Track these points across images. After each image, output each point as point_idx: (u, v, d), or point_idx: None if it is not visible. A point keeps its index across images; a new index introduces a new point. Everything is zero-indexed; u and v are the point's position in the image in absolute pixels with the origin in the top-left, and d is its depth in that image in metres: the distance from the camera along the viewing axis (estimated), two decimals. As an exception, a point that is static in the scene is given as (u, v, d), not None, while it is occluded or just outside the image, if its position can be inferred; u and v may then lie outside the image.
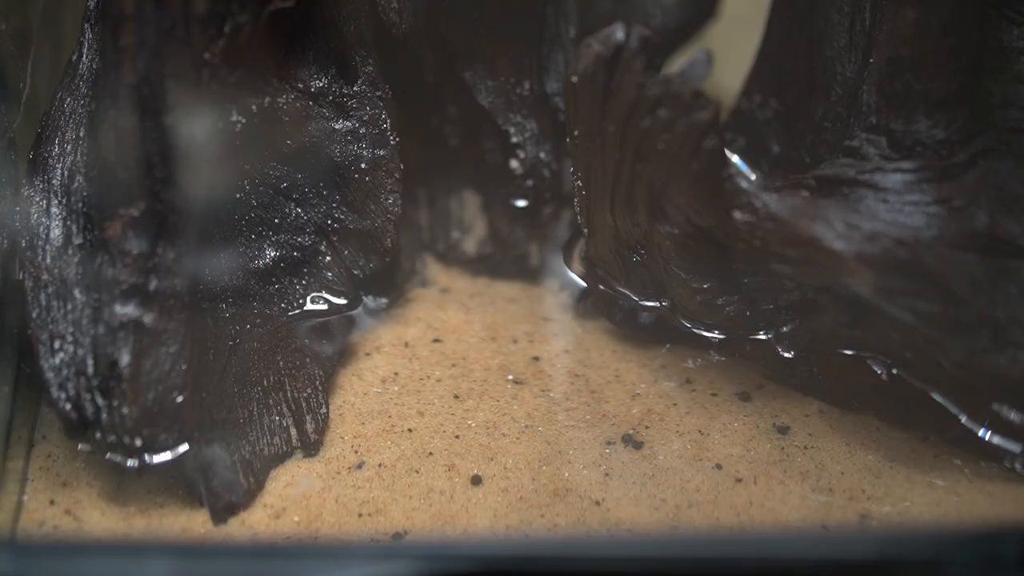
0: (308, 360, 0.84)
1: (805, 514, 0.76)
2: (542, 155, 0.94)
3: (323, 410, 0.82)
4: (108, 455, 0.75)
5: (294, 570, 0.59)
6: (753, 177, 0.93)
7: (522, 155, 0.94)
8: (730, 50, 0.99)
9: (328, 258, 0.86)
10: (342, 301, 0.87)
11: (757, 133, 0.93)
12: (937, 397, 0.76)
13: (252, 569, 0.60)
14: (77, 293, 0.76)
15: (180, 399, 0.75)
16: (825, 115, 0.86)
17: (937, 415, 0.77)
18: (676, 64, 0.95)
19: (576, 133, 0.76)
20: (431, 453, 0.80)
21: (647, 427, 0.82)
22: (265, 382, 0.82)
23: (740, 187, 0.71)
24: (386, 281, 0.90)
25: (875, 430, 0.81)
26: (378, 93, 0.85)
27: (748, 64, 0.94)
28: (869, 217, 0.70)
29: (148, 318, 0.74)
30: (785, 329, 0.81)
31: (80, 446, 0.79)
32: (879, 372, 0.78)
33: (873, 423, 0.81)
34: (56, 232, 0.77)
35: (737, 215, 0.71)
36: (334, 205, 0.85)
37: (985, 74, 0.77)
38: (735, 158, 0.94)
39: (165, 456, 0.76)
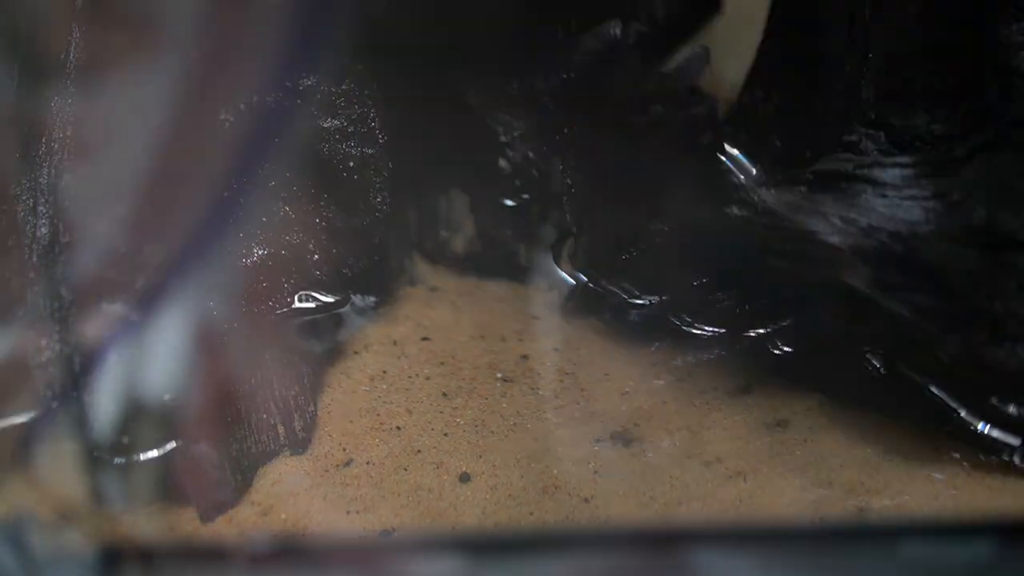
0: (296, 358, 0.84)
1: (803, 507, 0.76)
2: (531, 154, 0.94)
3: (311, 408, 0.82)
4: (95, 452, 0.74)
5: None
6: (754, 171, 0.93)
7: (511, 154, 0.94)
8: (733, 44, 0.99)
9: (316, 256, 0.86)
10: (330, 299, 0.87)
11: (758, 127, 0.93)
12: (935, 391, 0.77)
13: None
14: (64, 292, 0.75)
15: (168, 397, 0.74)
16: (825, 110, 0.87)
17: (935, 409, 0.77)
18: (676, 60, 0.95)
19: (567, 130, 0.77)
20: (419, 451, 0.80)
21: (637, 424, 0.82)
22: (253, 380, 0.82)
23: (736, 182, 0.71)
24: (374, 279, 0.91)
25: (873, 424, 0.81)
26: (367, 92, 0.85)
27: (750, 59, 0.94)
28: (867, 212, 0.71)
29: (135, 316, 0.74)
30: (782, 324, 0.81)
31: (68, 444, 0.78)
32: (877, 366, 0.78)
33: (871, 417, 0.81)
34: (43, 231, 0.77)
35: (734, 210, 0.72)
36: (322, 203, 0.85)
37: (984, 69, 0.78)
38: (736, 152, 0.94)
39: (153, 454, 0.75)
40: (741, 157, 0.93)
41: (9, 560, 0.59)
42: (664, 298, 0.84)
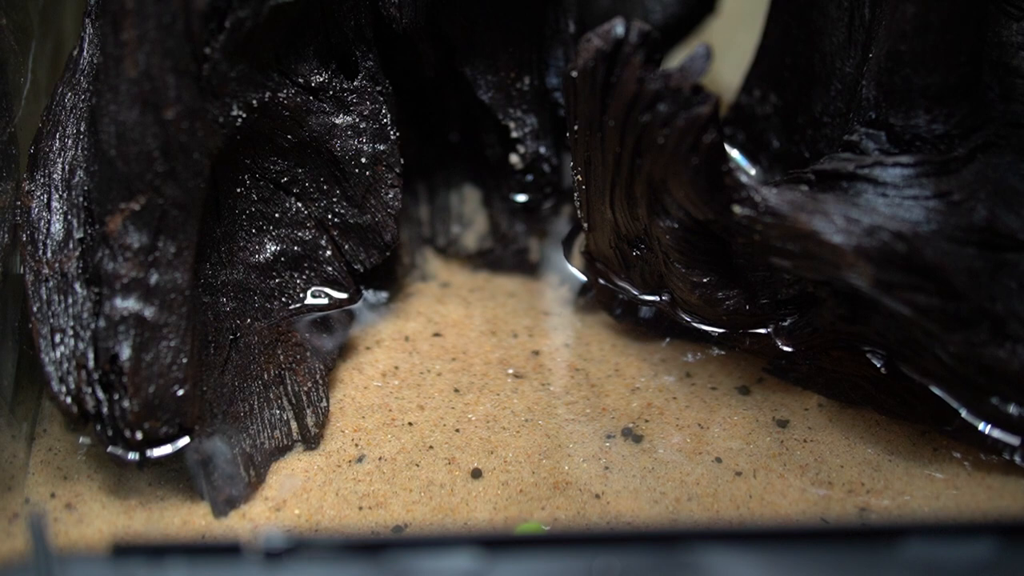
0: (308, 354, 0.84)
1: (804, 507, 0.76)
2: (542, 150, 0.94)
3: (323, 404, 0.82)
4: (109, 448, 0.75)
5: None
6: (753, 172, 0.93)
7: (522, 150, 0.94)
8: (730, 46, 0.99)
9: (328, 252, 0.86)
10: (342, 295, 0.87)
11: (757, 128, 0.93)
12: (936, 391, 0.76)
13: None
14: (78, 287, 0.76)
15: (181, 393, 0.75)
16: (824, 110, 0.86)
17: (936, 408, 0.77)
18: (676, 59, 0.95)
19: (576, 128, 0.77)
20: (431, 447, 0.80)
21: (647, 421, 0.82)
22: (265, 376, 0.82)
23: (740, 181, 0.71)
24: (386, 275, 0.91)
25: (874, 424, 0.81)
26: (378, 88, 0.85)
27: (748, 60, 0.94)
28: (868, 211, 0.70)
29: (149, 312, 0.74)
30: (785, 323, 0.81)
31: (81, 439, 0.79)
32: (878, 366, 0.78)
33: (872, 417, 0.81)
34: (57, 226, 0.77)
35: (736, 209, 0.71)
36: (334, 200, 0.85)
37: (984, 69, 0.77)
38: (735, 153, 0.94)
39: (166, 449, 0.76)
40: (739, 158, 0.93)
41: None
42: (672, 296, 0.84)
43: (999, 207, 0.74)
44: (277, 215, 0.85)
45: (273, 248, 0.85)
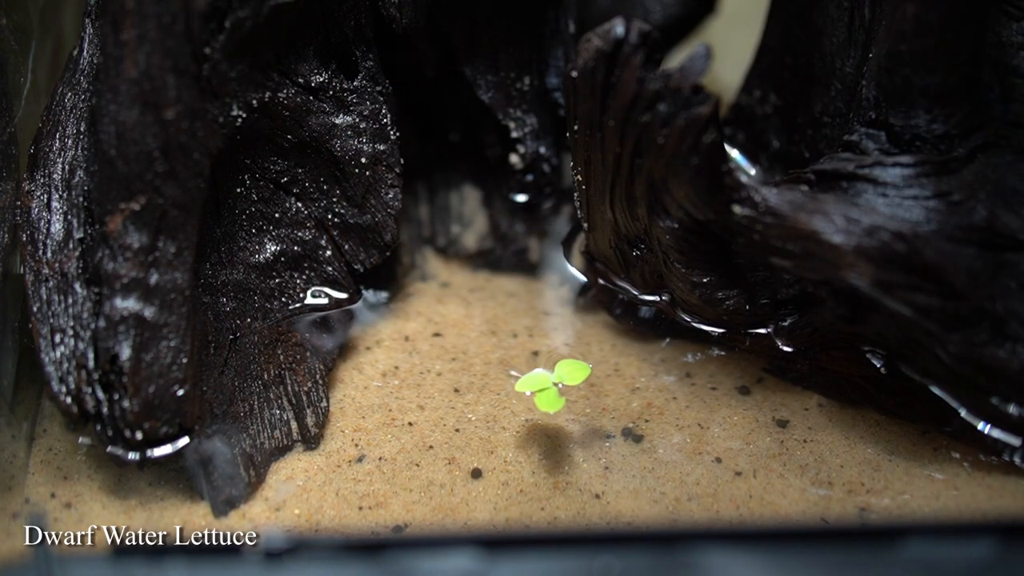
0: (308, 354, 0.84)
1: (805, 507, 0.76)
2: (542, 150, 0.94)
3: (323, 404, 0.82)
4: (109, 448, 0.75)
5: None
6: (753, 172, 0.93)
7: (522, 150, 0.94)
8: (730, 46, 0.99)
9: (328, 252, 0.86)
10: (342, 295, 0.87)
11: (757, 128, 0.93)
12: (936, 391, 0.76)
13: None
14: (78, 287, 0.76)
15: (181, 393, 0.75)
16: (824, 110, 0.86)
17: (936, 409, 0.77)
18: (676, 59, 0.94)
19: (576, 128, 0.77)
20: (431, 447, 0.80)
21: (647, 421, 0.82)
22: (265, 376, 0.82)
23: (740, 181, 0.71)
24: (386, 275, 0.91)
25: (874, 424, 0.81)
26: (378, 88, 0.85)
27: (748, 59, 0.94)
28: (868, 211, 0.70)
29: (149, 312, 0.74)
30: (785, 323, 0.81)
31: (81, 439, 0.79)
32: (878, 366, 0.78)
33: (872, 417, 0.81)
34: (57, 226, 0.77)
35: (737, 209, 0.71)
36: (334, 200, 0.85)
37: (984, 69, 0.77)
38: (735, 153, 0.94)
39: (166, 449, 0.76)
40: (739, 158, 0.93)
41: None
42: (672, 296, 0.84)
43: (999, 207, 0.74)
44: (277, 215, 0.85)
45: (273, 248, 0.85)
